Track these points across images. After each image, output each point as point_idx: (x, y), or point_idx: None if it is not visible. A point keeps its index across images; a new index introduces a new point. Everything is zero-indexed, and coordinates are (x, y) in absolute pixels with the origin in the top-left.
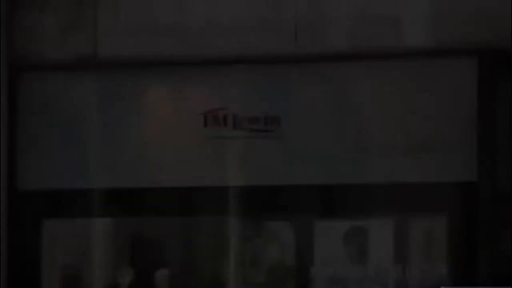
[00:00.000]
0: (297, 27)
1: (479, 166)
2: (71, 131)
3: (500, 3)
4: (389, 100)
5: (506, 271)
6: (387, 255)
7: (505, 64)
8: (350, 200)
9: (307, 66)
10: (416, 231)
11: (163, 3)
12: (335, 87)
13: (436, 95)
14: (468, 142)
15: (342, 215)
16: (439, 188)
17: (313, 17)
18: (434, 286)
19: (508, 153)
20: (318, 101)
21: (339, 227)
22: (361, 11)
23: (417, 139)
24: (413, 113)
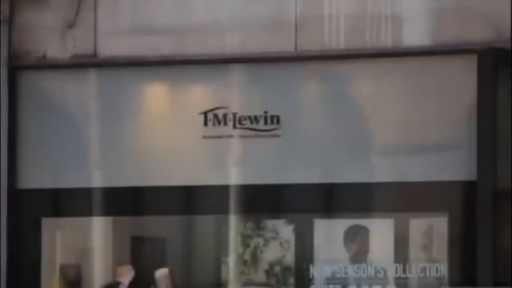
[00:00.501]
0: (297, 27)
1: (479, 165)
2: (70, 130)
3: (499, 2)
4: (389, 99)
5: (505, 268)
6: (388, 254)
7: (505, 62)
8: (351, 199)
9: (307, 65)
10: (416, 230)
11: (163, 3)
12: (335, 86)
13: (436, 94)
14: (468, 141)
15: (343, 214)
16: (439, 187)
17: (313, 16)
18: (435, 286)
19: (508, 152)
20: (318, 100)
21: (339, 226)
22: (361, 11)
23: (417, 138)
24: (413, 112)
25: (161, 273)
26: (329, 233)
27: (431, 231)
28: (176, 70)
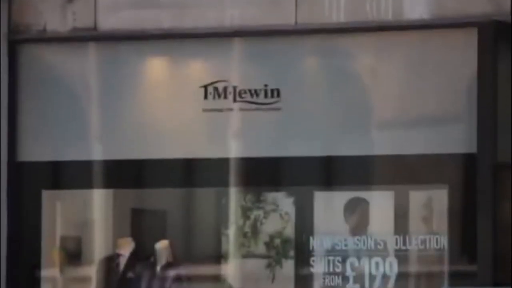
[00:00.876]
0: (298, 0)
1: (479, 138)
2: (70, 103)
3: None
4: (389, 73)
5: (505, 241)
6: (388, 226)
7: (505, 36)
8: (351, 172)
9: (307, 38)
10: (416, 202)
11: None
12: (335, 60)
13: (436, 67)
14: (468, 114)
15: (343, 186)
16: (439, 159)
17: None
18: (435, 258)
19: (508, 126)
20: (319, 74)
21: (339, 198)
22: None
23: (417, 111)
24: (413, 85)
25: (161, 245)
26: (329, 206)
27: (431, 203)
28: (176, 43)
